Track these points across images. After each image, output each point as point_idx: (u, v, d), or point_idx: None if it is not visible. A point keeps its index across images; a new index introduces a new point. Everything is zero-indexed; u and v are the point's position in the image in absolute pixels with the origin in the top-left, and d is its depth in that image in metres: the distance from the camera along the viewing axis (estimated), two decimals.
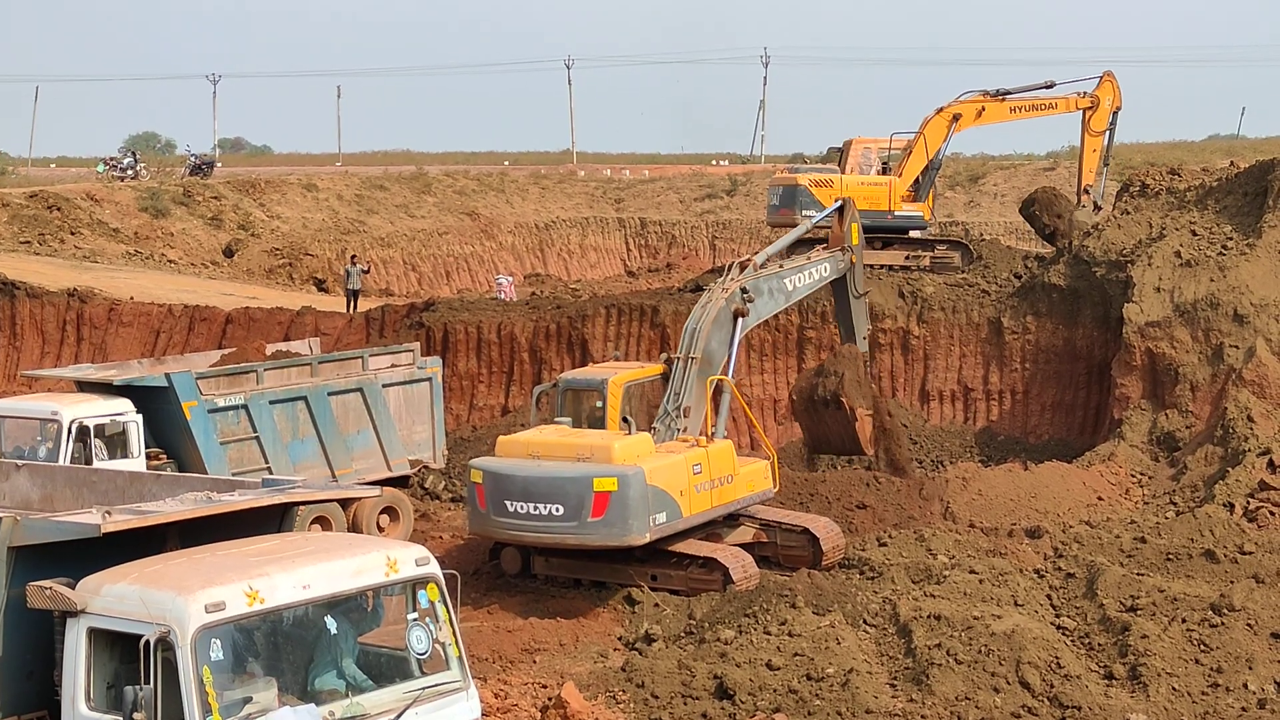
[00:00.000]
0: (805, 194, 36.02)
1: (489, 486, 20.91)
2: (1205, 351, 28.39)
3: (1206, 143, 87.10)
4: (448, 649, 11.47)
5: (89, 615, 10.58)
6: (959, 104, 36.64)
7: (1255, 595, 18.74)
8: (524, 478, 20.78)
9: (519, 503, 20.74)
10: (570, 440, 21.38)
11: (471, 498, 21.36)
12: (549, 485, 20.64)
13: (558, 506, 20.57)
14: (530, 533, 20.97)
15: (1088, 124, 37.13)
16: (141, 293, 40.39)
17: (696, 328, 23.12)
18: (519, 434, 21.90)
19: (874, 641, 18.19)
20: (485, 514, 21.06)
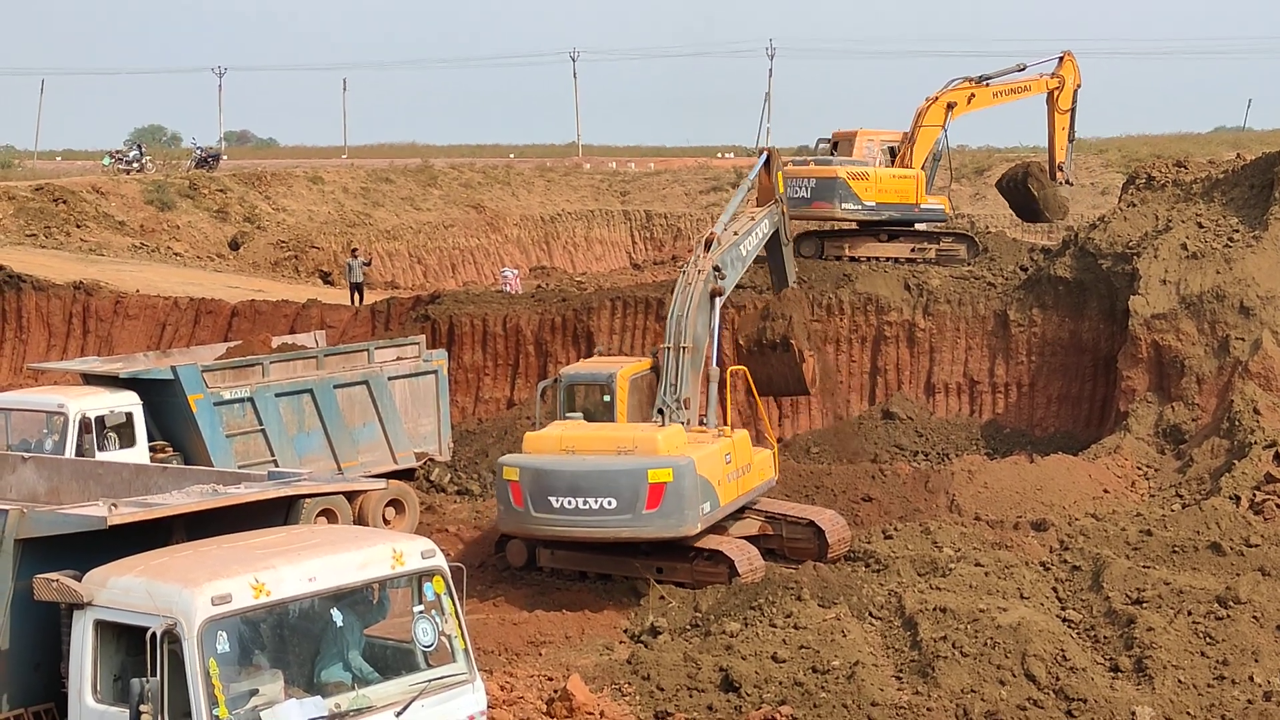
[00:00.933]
0: (843, 186, 35.85)
1: (528, 483, 20.61)
2: (1211, 344, 28.35)
3: (1213, 135, 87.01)
4: (453, 641, 11.48)
5: (95, 608, 10.60)
6: (950, 92, 36.83)
7: (1261, 588, 18.73)
8: (572, 472, 20.55)
9: (566, 498, 20.51)
10: (606, 434, 21.27)
11: (504, 496, 20.97)
12: (601, 479, 20.47)
13: (610, 500, 20.44)
14: (580, 528, 20.69)
15: (1055, 103, 37.58)
16: (147, 285, 40.43)
17: (683, 315, 23.15)
18: (545, 430, 21.57)
19: (879, 634, 18.19)
20: (523, 512, 20.72)
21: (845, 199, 35.65)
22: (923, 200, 36.54)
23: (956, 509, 24.79)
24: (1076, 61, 37.54)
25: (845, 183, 35.78)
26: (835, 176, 35.95)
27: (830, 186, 35.87)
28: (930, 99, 36.69)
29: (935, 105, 36.54)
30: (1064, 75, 37.38)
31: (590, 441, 21.04)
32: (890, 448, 31.02)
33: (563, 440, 21.08)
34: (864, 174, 36.01)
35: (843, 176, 35.87)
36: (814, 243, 37.27)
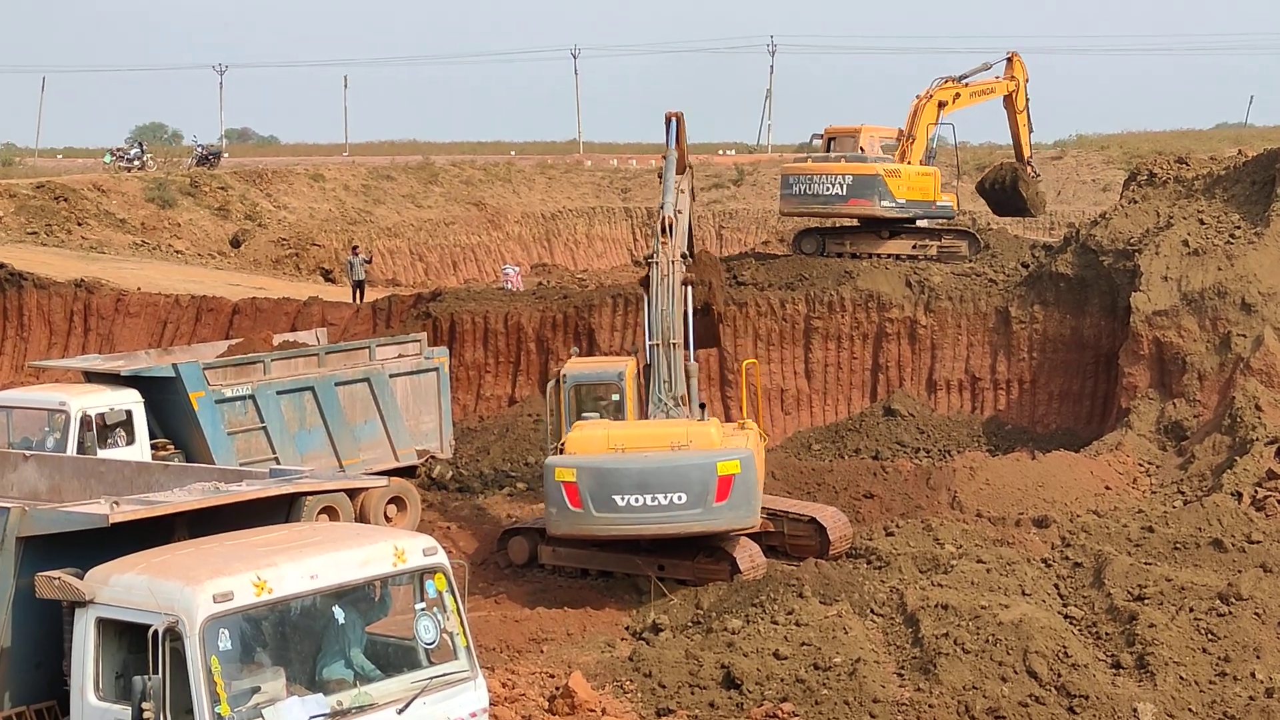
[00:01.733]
0: (882, 183, 35.89)
1: (588, 484, 20.40)
2: (1213, 340, 28.34)
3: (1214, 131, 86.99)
4: (455, 639, 11.48)
5: (97, 605, 10.60)
6: (940, 90, 37.18)
7: (1263, 584, 18.74)
8: (639, 469, 20.44)
9: (633, 495, 20.38)
10: (654, 431, 21.26)
11: (558, 498, 20.62)
12: (671, 474, 20.43)
13: (680, 494, 20.39)
14: (648, 524, 20.57)
15: (1014, 104, 38.68)
16: (148, 283, 40.43)
17: (667, 309, 23.26)
18: (584, 430, 21.32)
19: (881, 631, 18.19)
20: (582, 513, 20.48)
21: (884, 196, 35.73)
22: (938, 197, 36.75)
23: (958, 506, 24.78)
24: (1023, 59, 38.54)
25: (884, 180, 35.82)
26: (875, 174, 35.91)
27: (871, 184, 35.82)
28: (922, 98, 36.93)
29: (930, 103, 36.78)
30: (1017, 76, 38.39)
31: (639, 439, 20.97)
32: (892, 444, 31.02)
33: (610, 439, 20.90)
34: (896, 171, 36.12)
35: (881, 173, 35.88)
36: (815, 240, 37.27)
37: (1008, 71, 38.31)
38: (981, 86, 38.09)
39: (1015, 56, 38.50)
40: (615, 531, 20.76)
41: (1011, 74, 38.31)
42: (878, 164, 36.15)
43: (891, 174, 35.99)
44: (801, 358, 33.49)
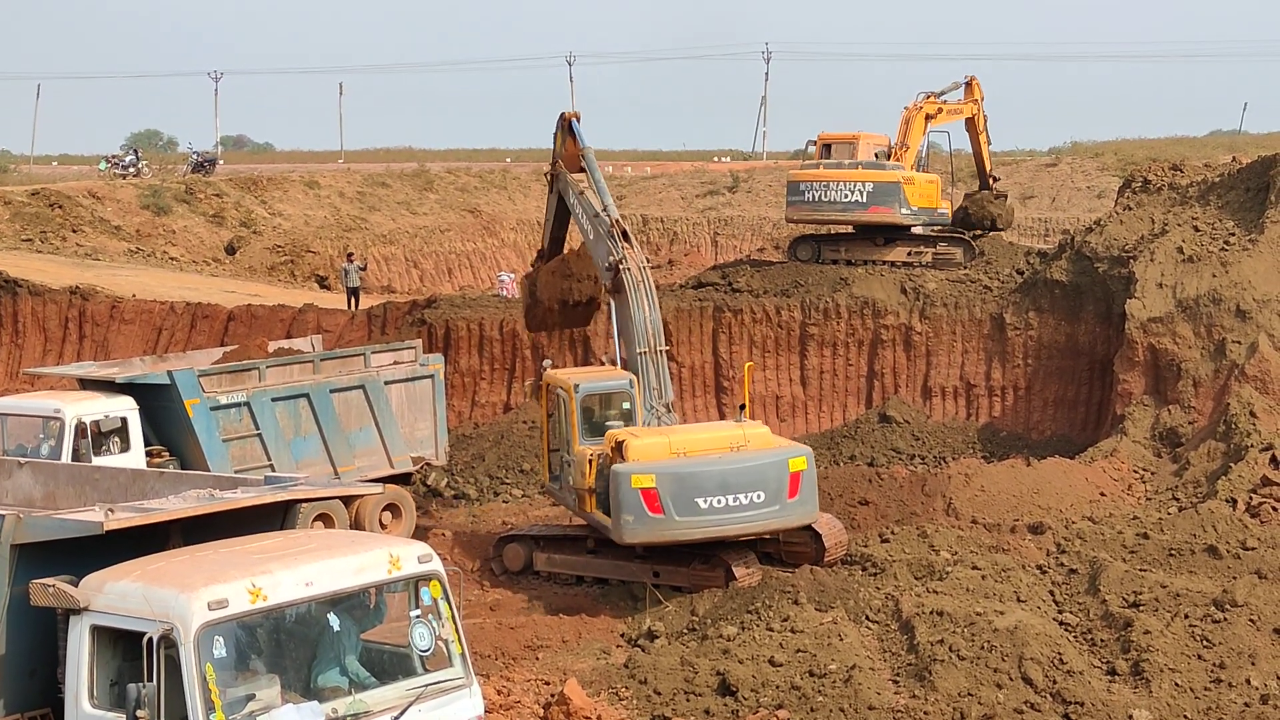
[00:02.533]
0: (901, 190, 35.95)
1: (669, 489, 20.46)
2: (1208, 347, 28.38)
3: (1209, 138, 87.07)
4: (450, 646, 11.48)
5: (92, 613, 10.58)
6: (926, 103, 37.60)
7: (1258, 591, 18.73)
8: (720, 471, 20.67)
9: (715, 497, 20.56)
10: (712, 434, 21.65)
11: (634, 506, 20.56)
12: (750, 473, 20.74)
13: (759, 493, 20.70)
14: (730, 525, 20.80)
15: (974, 125, 39.24)
16: (143, 290, 40.41)
17: (649, 315, 23.45)
18: (641, 439, 21.28)
19: (876, 638, 18.19)
20: (663, 518, 20.51)
21: (903, 203, 35.77)
22: (940, 204, 36.90)
23: (953, 512, 24.79)
24: (979, 82, 39.12)
25: (902, 187, 35.85)
26: (895, 181, 35.89)
27: (892, 191, 35.81)
28: (911, 109, 37.20)
29: (919, 115, 37.11)
30: (976, 99, 38.91)
31: (700, 443, 21.23)
32: (887, 451, 31.05)
33: (671, 445, 21.05)
34: (911, 179, 36.20)
35: (900, 180, 35.89)
36: (811, 246, 37.31)
37: (968, 95, 38.81)
38: (955, 107, 38.63)
39: (973, 80, 38.98)
40: (697, 534, 20.89)
41: (972, 97, 38.82)
42: (896, 171, 36.20)
43: (908, 181, 36.08)
44: (797, 364, 33.52)
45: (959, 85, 38.76)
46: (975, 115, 39.08)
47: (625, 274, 24.50)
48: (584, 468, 21.73)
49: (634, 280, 24.23)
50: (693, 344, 33.72)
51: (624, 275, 24.46)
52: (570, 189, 27.53)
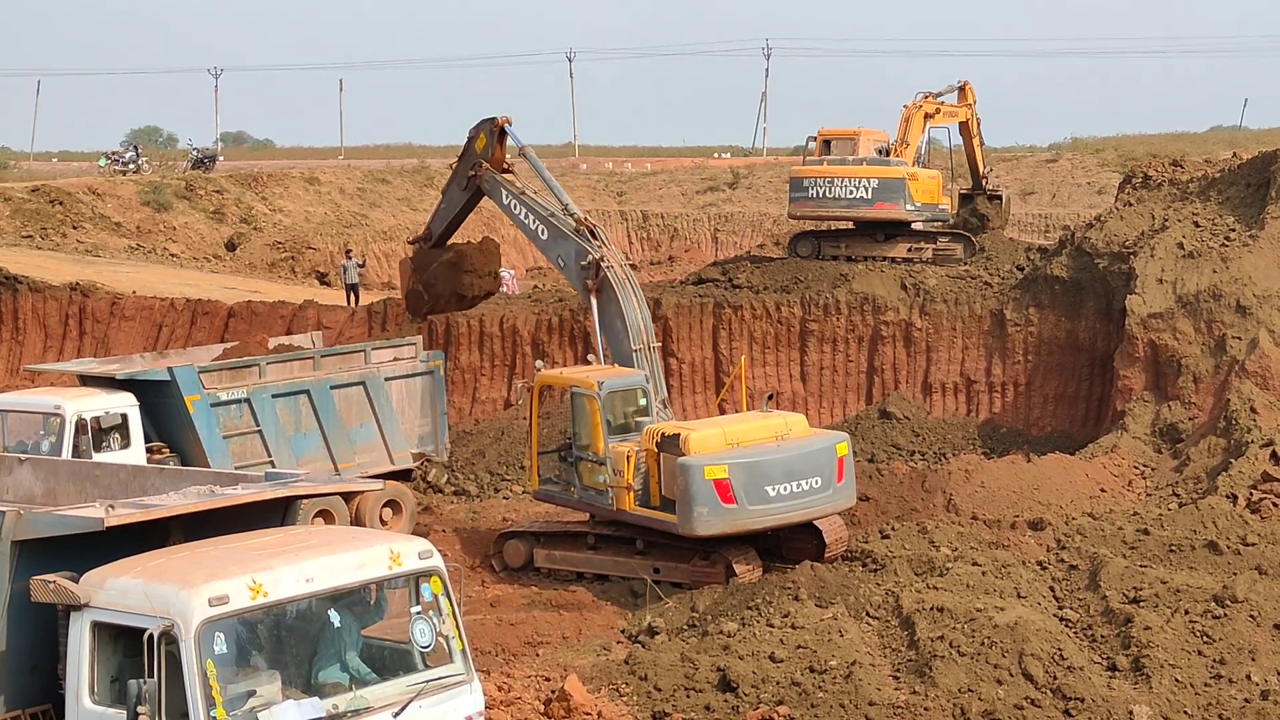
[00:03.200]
0: (906, 186, 35.95)
1: (741, 479, 20.70)
2: (1208, 343, 28.36)
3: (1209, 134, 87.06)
4: (451, 642, 11.48)
5: (93, 609, 10.59)
6: (926, 102, 37.74)
7: (1258, 587, 18.73)
8: (783, 459, 21.06)
9: (782, 484, 20.96)
10: (757, 424, 21.91)
11: (708, 498, 20.64)
12: (810, 460, 21.30)
13: (817, 479, 21.25)
14: (795, 511, 21.24)
15: (967, 129, 39.59)
16: (144, 287, 40.40)
17: (640, 313, 23.55)
18: (698, 431, 21.43)
19: (877, 634, 18.18)
20: (737, 508, 20.72)
21: (908, 200, 35.81)
22: (940, 200, 36.97)
23: (953, 508, 24.78)
24: (971, 86, 39.39)
25: (907, 183, 35.87)
26: (901, 177, 35.90)
27: (897, 187, 35.84)
28: (910, 107, 37.33)
29: (918, 113, 37.24)
30: (969, 103, 39.22)
31: (749, 433, 21.55)
32: (887, 447, 31.03)
33: (725, 435, 21.33)
34: (915, 175, 36.26)
35: (905, 176, 35.91)
36: (811, 243, 37.30)
37: (961, 99, 39.02)
38: (951, 109, 38.86)
39: (966, 85, 39.24)
40: (767, 522, 21.24)
41: (965, 101, 39.06)
42: (901, 167, 36.22)
43: (912, 177, 36.09)
44: (797, 360, 33.51)
45: (954, 89, 39.01)
46: (969, 119, 39.36)
47: (609, 271, 24.46)
48: (621, 465, 21.63)
49: (618, 278, 24.22)
50: (693, 340, 33.71)
51: (608, 273, 24.41)
52: (503, 190, 27.84)
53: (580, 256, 25.15)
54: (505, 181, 28.08)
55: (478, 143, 28.92)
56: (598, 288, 24.35)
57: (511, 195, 27.63)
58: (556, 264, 26.84)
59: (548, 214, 26.57)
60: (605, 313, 24.39)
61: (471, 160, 29.00)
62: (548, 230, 26.37)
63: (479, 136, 28.98)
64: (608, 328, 24.42)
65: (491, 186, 28.30)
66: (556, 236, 26.10)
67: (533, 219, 26.88)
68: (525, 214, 27.17)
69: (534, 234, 27.10)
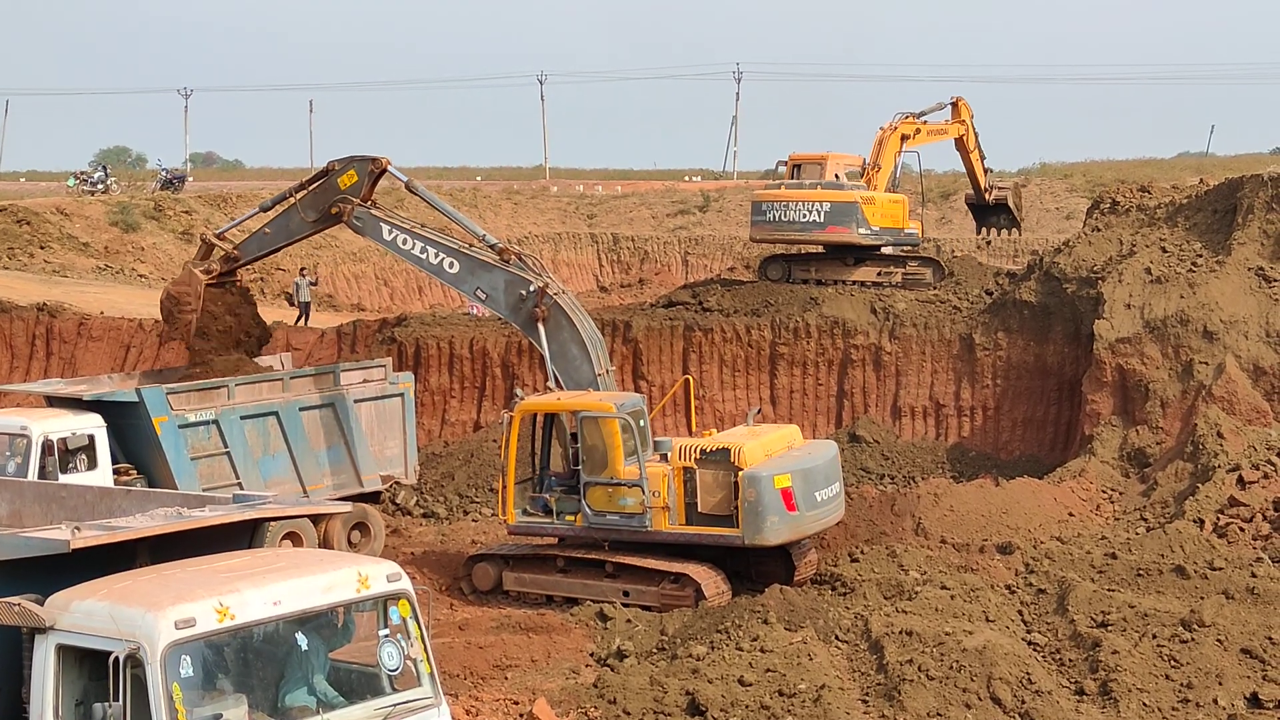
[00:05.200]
0: (859, 210, 35.97)
1: (801, 486, 21.29)
2: (1175, 368, 28.51)
3: (1176, 160, 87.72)
4: (419, 665, 11.44)
5: (57, 632, 10.51)
6: (903, 124, 37.69)
7: (1225, 611, 18.80)
8: (823, 465, 22.01)
9: (823, 489, 21.89)
10: (773, 435, 22.53)
11: (775, 507, 20.99)
12: (832, 465, 22.48)
13: (837, 484, 22.52)
14: (829, 516, 22.26)
15: (964, 144, 39.63)
16: (112, 307, 40.22)
17: (598, 337, 23.62)
18: (748, 445, 21.53)
19: (846, 658, 18.19)
20: (799, 514, 21.29)
21: (861, 223, 35.84)
22: (906, 224, 36.92)
23: (922, 532, 24.82)
24: (967, 101, 39.42)
25: (860, 207, 35.92)
26: (853, 201, 35.97)
27: (849, 211, 35.89)
28: (886, 129, 37.21)
29: (893, 135, 37.12)
30: (964, 118, 39.17)
31: (772, 444, 22.11)
32: (857, 471, 31.07)
33: (762, 447, 21.79)
34: (871, 199, 36.24)
35: (858, 200, 35.97)
36: (781, 266, 37.38)
37: (955, 116, 39.10)
38: (936, 128, 38.80)
39: (959, 100, 39.21)
40: (816, 526, 22.09)
41: (959, 117, 39.11)
42: (854, 191, 36.26)
43: (867, 201, 36.14)
44: (767, 384, 33.56)
45: (943, 106, 38.96)
46: (964, 135, 39.39)
47: (558, 298, 24.15)
48: (658, 485, 21.57)
49: (568, 303, 24.02)
50: (663, 363, 33.75)
51: (557, 299, 24.09)
52: (383, 225, 26.04)
53: (516, 286, 24.41)
54: (384, 215, 26.29)
55: (343, 178, 26.72)
56: (546, 316, 23.97)
57: (396, 230, 25.83)
58: (475, 297, 25.49)
59: (455, 247, 25.32)
60: (555, 341, 23.95)
61: (332, 195, 26.73)
62: (459, 262, 25.05)
63: (347, 172, 26.78)
64: (560, 356, 23.98)
65: (367, 223, 26.21)
66: (474, 268, 24.85)
67: (432, 252, 25.34)
68: (420, 247, 25.53)
69: (436, 268, 25.36)
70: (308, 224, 27.38)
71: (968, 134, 39.47)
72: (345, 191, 26.53)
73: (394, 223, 26.02)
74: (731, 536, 21.23)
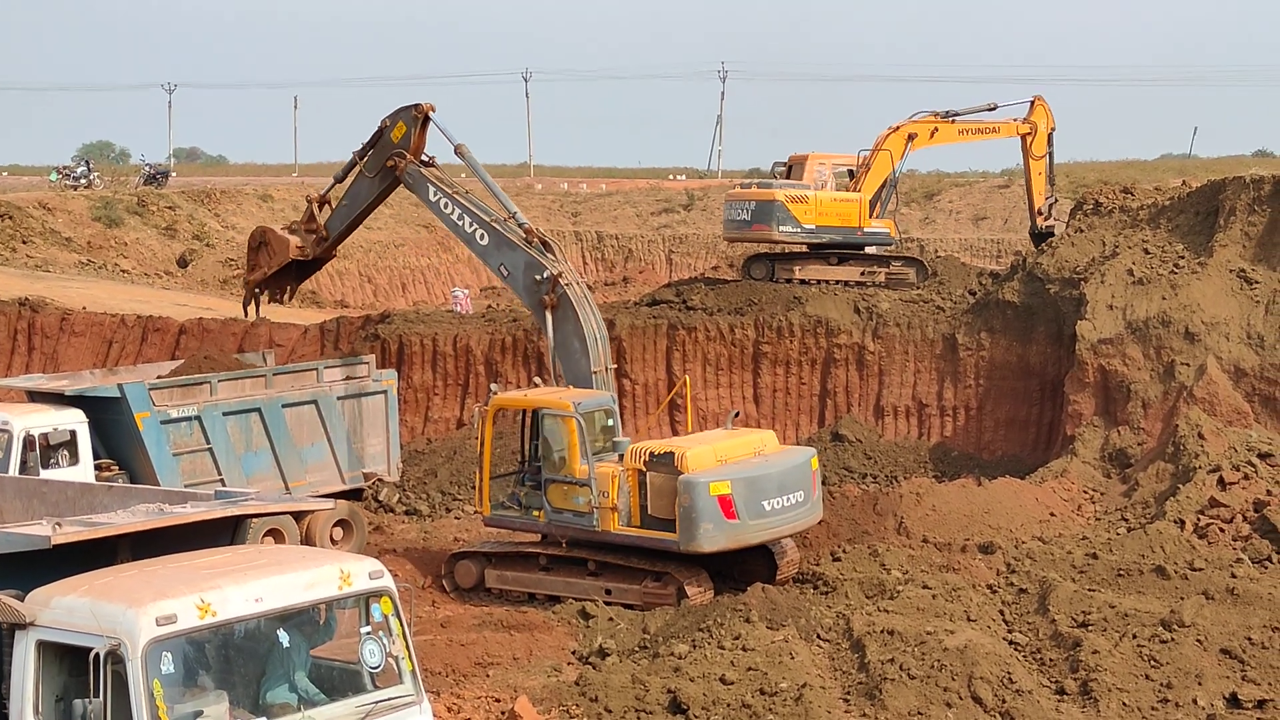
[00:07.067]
0: (782, 209, 35.90)
1: (743, 493, 20.86)
2: (1157, 369, 28.60)
3: (1159, 162, 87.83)
4: (401, 662, 11.44)
5: (38, 628, 10.49)
6: (913, 123, 36.80)
7: (1205, 611, 18.86)
8: (776, 473, 21.32)
9: (775, 498, 21.21)
10: (736, 440, 22.12)
11: (712, 514, 20.69)
12: (795, 474, 21.68)
13: (801, 493, 21.65)
14: (785, 525, 21.55)
15: (1029, 150, 37.82)
16: (94, 302, 40.11)
17: (603, 333, 23.52)
18: (693, 450, 21.31)
19: (827, 656, 18.22)
20: (739, 523, 20.86)
21: (783, 222, 35.77)
22: (866, 224, 36.53)
23: (904, 531, 24.85)
24: (1048, 105, 37.63)
25: (783, 206, 35.88)
26: (773, 200, 36.05)
27: (768, 210, 36.01)
28: (892, 128, 36.78)
29: (896, 135, 36.63)
30: (1035, 121, 37.52)
31: (733, 449, 21.73)
32: (839, 470, 31.09)
33: (715, 452, 21.43)
34: (802, 197, 36.06)
35: (781, 199, 35.96)
36: (764, 265, 37.38)
37: (1029, 114, 37.44)
38: (977, 125, 37.47)
39: (1039, 100, 37.56)
40: (763, 536, 21.48)
41: (1030, 118, 37.43)
42: (780, 190, 36.23)
43: (796, 200, 35.98)
44: (750, 383, 33.56)
45: (994, 106, 37.27)
46: (1028, 138, 37.38)
47: (568, 288, 24.20)
48: (606, 486, 21.54)
49: (577, 296, 24.02)
50: (646, 361, 33.73)
51: (566, 290, 24.14)
52: (429, 185, 26.45)
53: (533, 270, 24.60)
54: (432, 177, 26.62)
55: (394, 131, 27.30)
56: (555, 305, 24.06)
57: (440, 193, 26.16)
58: (499, 273, 25.78)
59: (490, 219, 25.45)
60: (560, 331, 24.09)
61: (388, 150, 27.33)
62: (489, 236, 25.21)
63: (397, 125, 27.37)
64: (562, 346, 24.17)
65: (416, 179, 26.70)
66: (500, 244, 25.03)
67: (468, 221, 25.56)
68: (459, 214, 25.79)
69: (469, 237, 25.66)
70: (375, 185, 28.14)
71: (1034, 138, 37.35)
72: (398, 145, 27.28)
73: (440, 185, 26.57)
74: (670, 541, 21.09)
